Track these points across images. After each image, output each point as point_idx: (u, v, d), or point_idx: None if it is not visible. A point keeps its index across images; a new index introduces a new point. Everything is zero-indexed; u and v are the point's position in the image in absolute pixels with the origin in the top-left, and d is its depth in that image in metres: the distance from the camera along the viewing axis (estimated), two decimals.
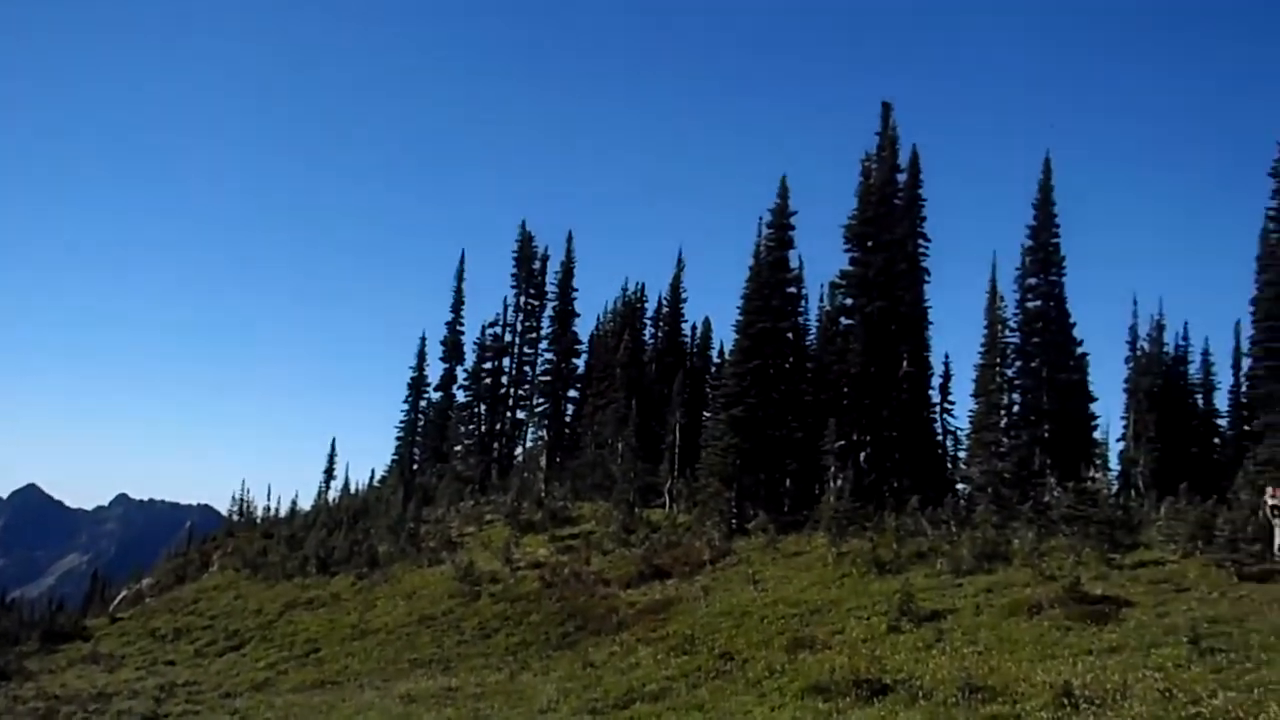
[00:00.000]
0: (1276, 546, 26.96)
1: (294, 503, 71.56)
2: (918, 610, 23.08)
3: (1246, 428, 47.51)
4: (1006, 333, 48.01)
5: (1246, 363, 51.63)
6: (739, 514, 42.50)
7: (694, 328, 71.90)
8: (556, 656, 28.09)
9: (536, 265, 68.49)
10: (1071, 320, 48.32)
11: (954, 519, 34.36)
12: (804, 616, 25.94)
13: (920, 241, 50.53)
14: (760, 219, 49.02)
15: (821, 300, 55.72)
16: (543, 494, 55.59)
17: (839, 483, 40.33)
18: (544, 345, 67.56)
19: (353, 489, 71.21)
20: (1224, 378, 60.41)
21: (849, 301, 49.42)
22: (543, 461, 63.80)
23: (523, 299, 68.20)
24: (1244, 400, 53.18)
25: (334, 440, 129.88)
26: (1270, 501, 27.78)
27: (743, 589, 30.99)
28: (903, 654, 20.13)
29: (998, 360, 46.86)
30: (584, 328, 70.82)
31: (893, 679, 17.88)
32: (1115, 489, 46.46)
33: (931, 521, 34.53)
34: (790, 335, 49.61)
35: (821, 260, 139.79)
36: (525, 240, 68.78)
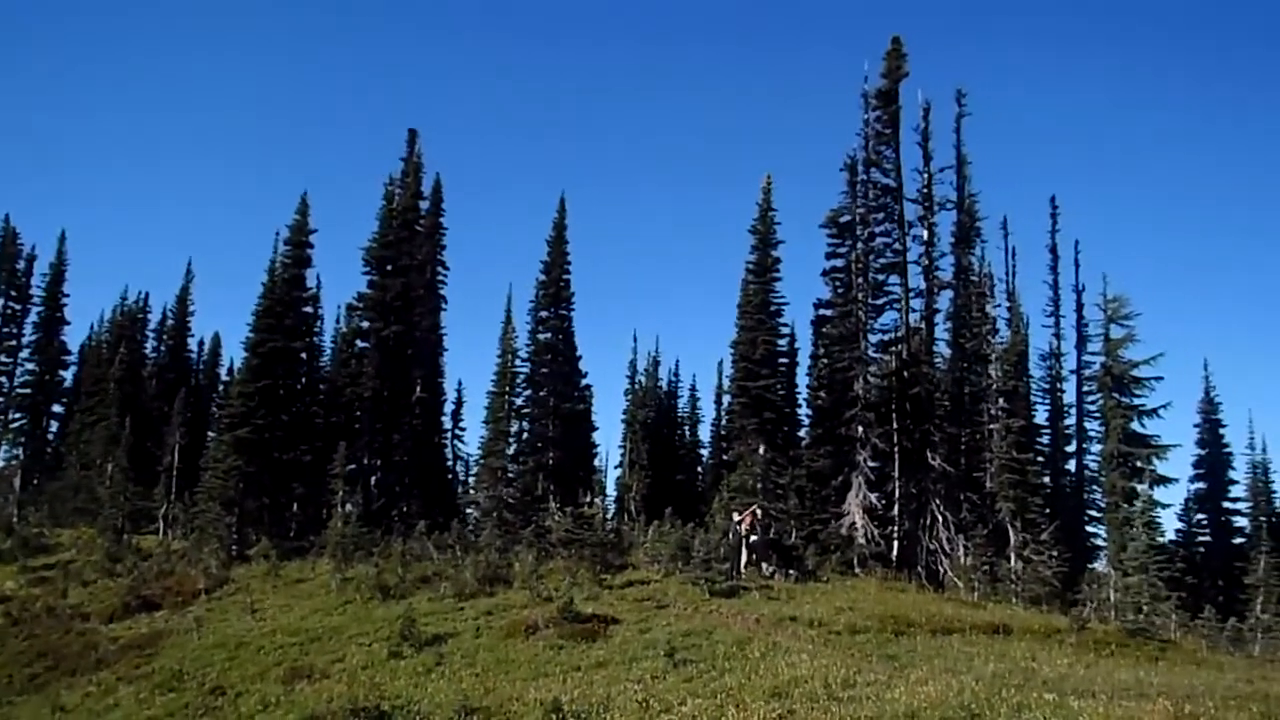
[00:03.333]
0: (743, 564, 30.08)
1: None
2: (420, 635, 23.18)
3: (724, 457, 52.62)
4: (517, 362, 49.87)
5: (726, 399, 57.20)
6: (240, 540, 40.63)
7: (202, 343, 68.26)
8: (21, 702, 25.32)
9: (21, 265, 61.74)
10: (578, 353, 51.17)
11: (460, 543, 34.97)
12: (304, 645, 25.18)
13: (439, 268, 51.33)
14: (278, 234, 47.54)
15: (338, 322, 54.98)
16: (14, 519, 49.93)
17: (347, 507, 39.74)
18: (25, 354, 60.96)
19: None
20: (708, 411, 66.64)
21: (365, 324, 49.06)
22: (16, 483, 57.34)
23: (2, 302, 61.12)
24: (722, 432, 58.87)
25: None
26: (738, 524, 30.98)
27: (240, 619, 29.55)
28: (403, 679, 20.11)
29: (508, 388, 48.48)
30: (75, 337, 64.79)
31: (391, 705, 17.83)
32: (611, 513, 49.66)
33: (438, 546, 34.90)
34: (304, 355, 48.42)
35: (342, 282, 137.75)
36: (9, 237, 61.84)
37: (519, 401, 50.12)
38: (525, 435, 50.44)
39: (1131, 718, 13.29)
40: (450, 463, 53.39)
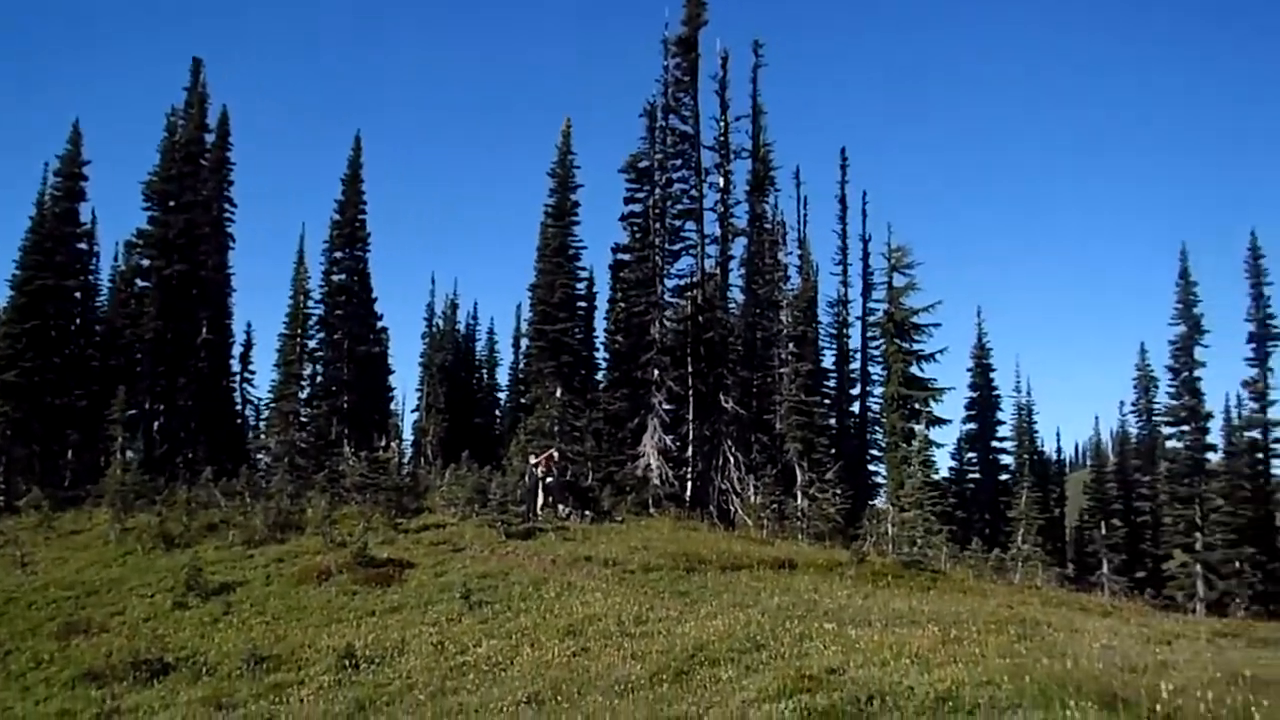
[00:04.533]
0: (539, 506, 30.32)
1: None
2: (207, 584, 22.49)
3: (522, 400, 52.69)
4: (311, 304, 48.46)
5: (525, 342, 57.15)
6: (8, 490, 38.31)
7: None
8: None
9: None
10: (374, 295, 50.04)
11: (250, 490, 33.93)
12: (80, 599, 24.01)
13: (227, 205, 49.13)
14: (47, 165, 44.53)
15: (117, 260, 52.02)
16: None
17: (127, 455, 37.94)
18: None
19: None
20: (506, 355, 66.57)
21: (146, 262, 46.54)
22: None
23: None
24: (520, 376, 58.91)
25: None
26: (534, 467, 31.18)
27: (9, 573, 27.91)
28: (188, 630, 19.52)
29: (300, 331, 47.11)
30: None
31: (176, 657, 17.31)
32: (407, 457, 49.09)
33: (226, 493, 33.76)
34: (78, 295, 45.72)
35: (122, 218, 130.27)
36: None
37: (312, 344, 48.78)
38: (319, 379, 49.16)
39: (903, 643, 14.12)
40: (239, 407, 51.50)
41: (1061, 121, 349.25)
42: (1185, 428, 53.41)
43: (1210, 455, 53.86)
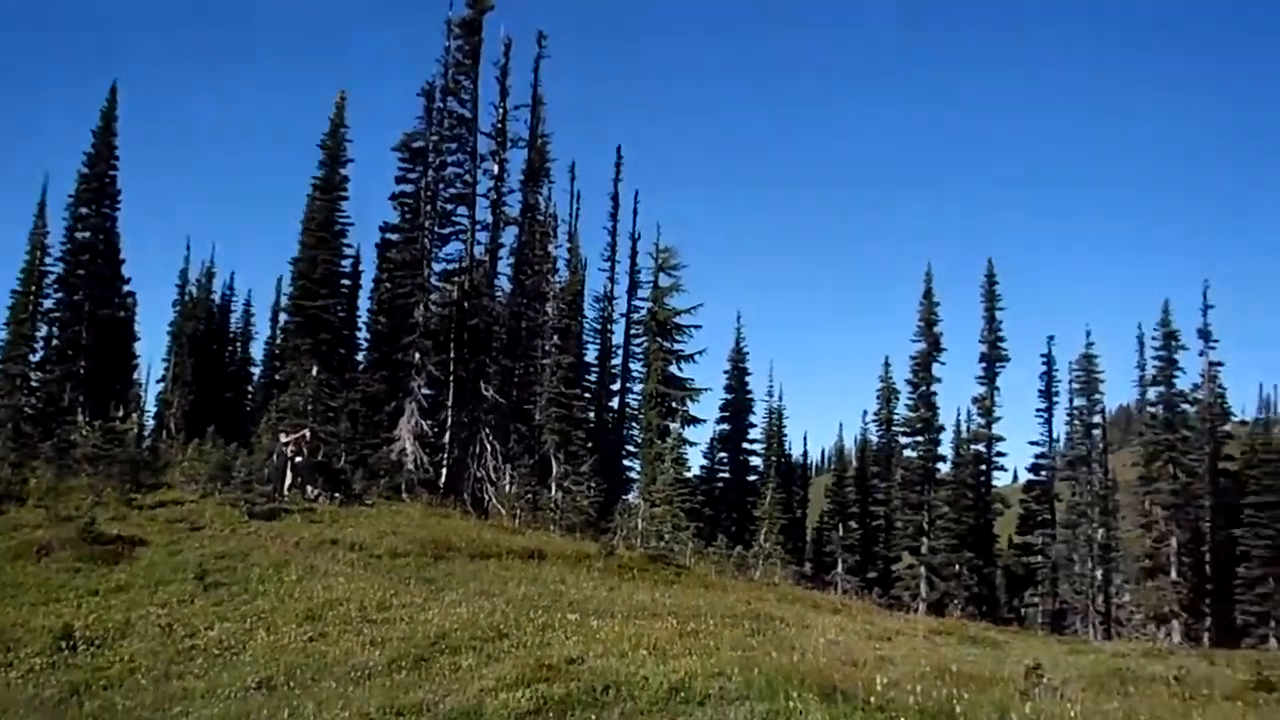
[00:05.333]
0: (286, 487, 29.43)
1: None
2: None
3: (277, 377, 50.86)
4: (49, 261, 45.26)
5: (283, 317, 55.16)
6: None
7: None
8: None
9: None
10: (122, 257, 47.17)
11: None
12: None
13: None
14: None
15: None
16: None
17: None
18: None
19: None
20: (263, 328, 64.06)
21: None
22: None
23: None
24: (277, 351, 56.81)
25: None
26: (284, 446, 30.23)
27: None
28: None
29: (35, 289, 43.96)
30: None
31: None
32: (149, 430, 46.58)
33: None
34: None
35: None
36: None
37: (48, 304, 45.53)
38: (54, 341, 45.94)
39: (641, 634, 14.49)
40: None
41: (834, 133, 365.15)
42: (919, 438, 56.96)
43: (940, 465, 57.65)
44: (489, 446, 38.95)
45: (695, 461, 59.47)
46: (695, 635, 15.20)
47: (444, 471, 38.81)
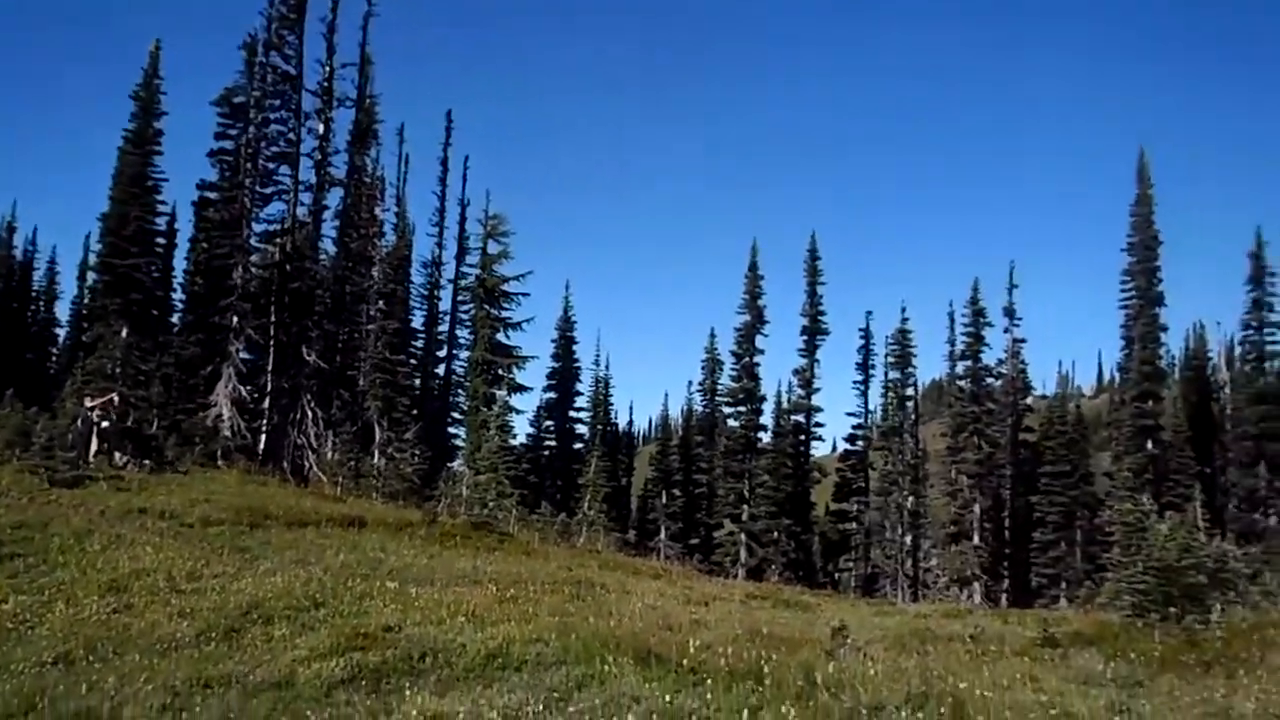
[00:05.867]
0: (92, 453, 28.16)
1: None
2: None
3: (84, 338, 48.46)
4: None
5: (91, 276, 52.57)
6: None
7: None
8: None
9: None
10: None
11: None
12: None
13: None
14: None
15: None
16: None
17: None
18: None
19: None
20: (69, 288, 60.97)
21: None
22: None
23: None
24: (84, 312, 54.15)
25: None
26: (90, 410, 28.90)
27: None
28: None
29: None
30: None
31: None
32: None
33: None
34: None
35: None
36: None
37: None
38: None
39: (461, 601, 14.50)
40: None
41: (666, 105, 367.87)
42: (742, 408, 58.35)
43: (762, 435, 59.16)
44: (310, 413, 38.03)
45: (521, 429, 59.57)
46: (515, 602, 15.29)
47: (263, 438, 37.74)
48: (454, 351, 54.64)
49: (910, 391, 63.42)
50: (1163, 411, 56.64)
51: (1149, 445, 53.60)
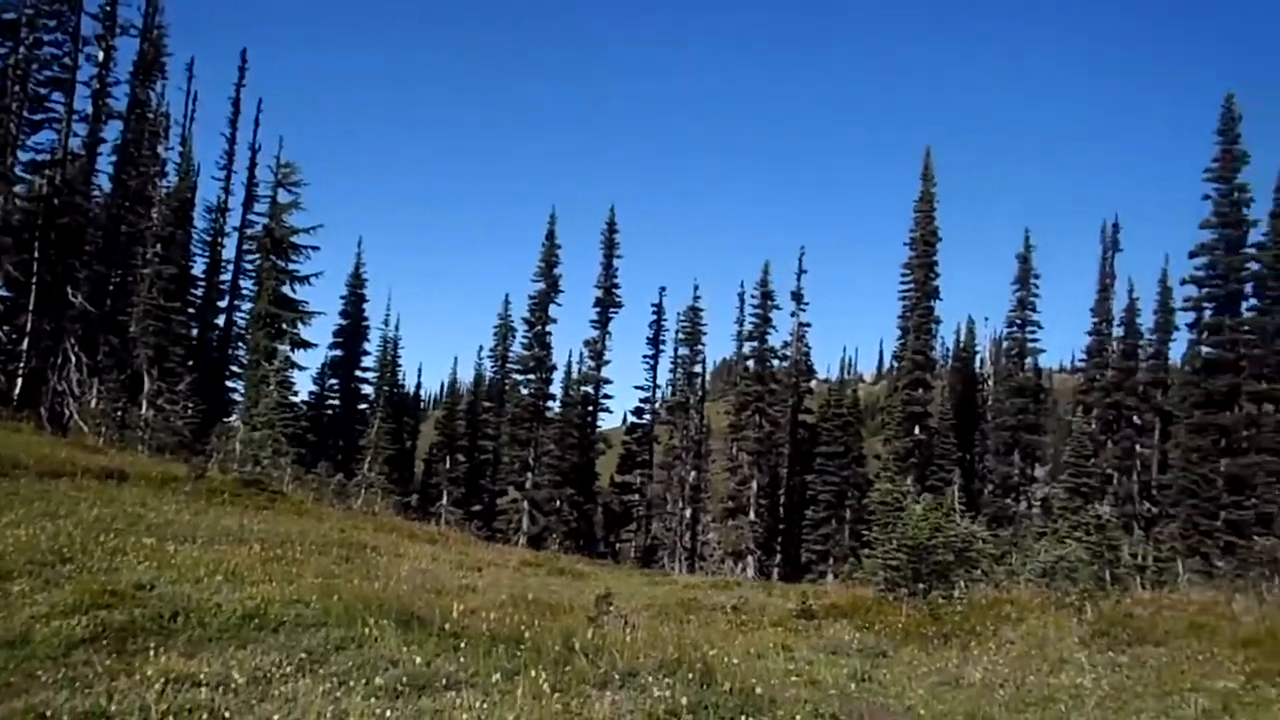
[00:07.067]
0: None
1: None
2: None
3: None
4: None
5: None
6: None
7: None
8: None
9: None
10: None
11: None
12: None
13: None
14: None
15: None
16: None
17: None
18: None
19: None
20: None
21: None
22: None
23: None
24: None
25: None
26: None
27: None
28: None
29: None
30: None
31: None
32: None
33: None
34: None
35: None
36: None
37: None
38: None
39: (221, 559, 14.02)
40: None
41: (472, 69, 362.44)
42: (532, 376, 58.43)
43: (551, 404, 59.44)
44: (74, 357, 35.89)
45: (305, 387, 57.93)
46: (280, 562, 14.90)
47: (19, 382, 35.41)
48: (236, 303, 52.49)
49: (699, 369, 64.98)
50: (932, 399, 59.83)
51: (916, 431, 56.50)
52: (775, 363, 62.49)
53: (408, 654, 9.52)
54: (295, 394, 45.41)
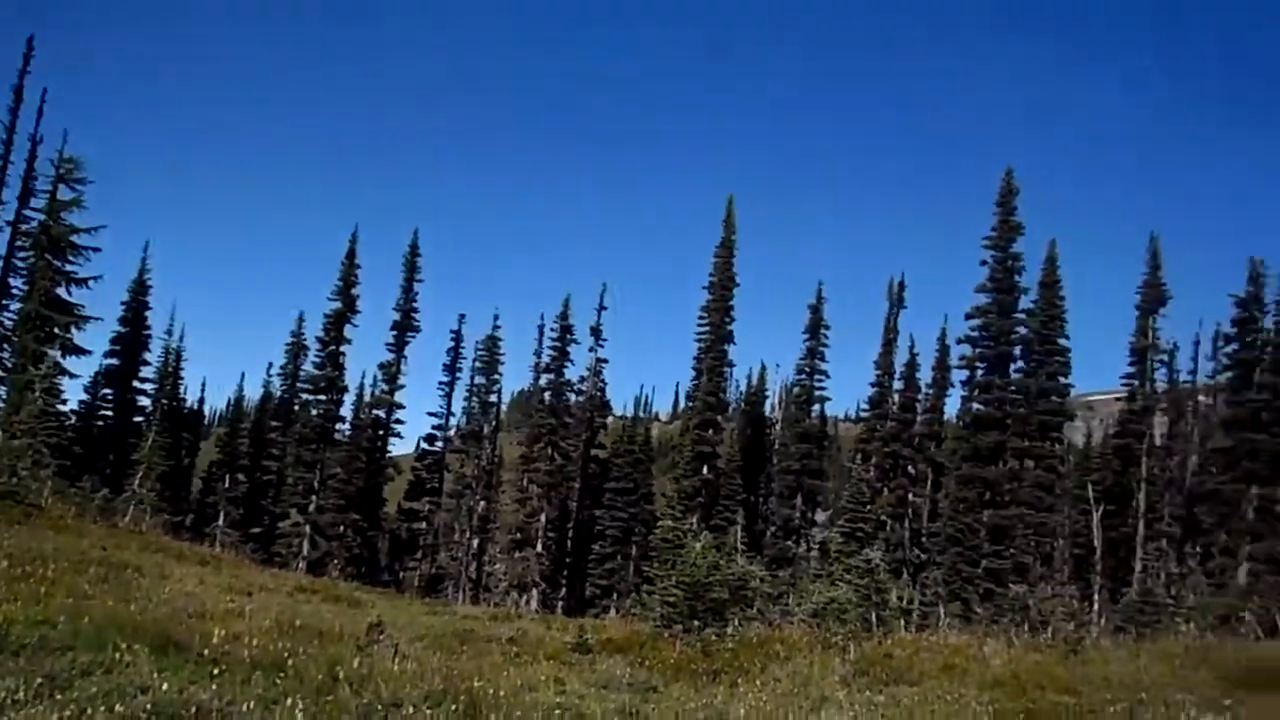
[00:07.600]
0: None
1: None
2: None
3: None
4: None
5: None
6: None
7: None
8: None
9: None
10: None
11: None
12: None
13: None
14: None
15: None
16: None
17: None
18: None
19: None
20: None
21: None
22: None
23: None
24: None
25: None
26: None
27: None
28: None
29: None
30: None
31: None
32: None
33: None
34: None
35: None
36: None
37: None
38: None
39: None
40: None
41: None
42: (323, 397, 56.93)
43: (340, 426, 58.03)
44: None
45: (76, 395, 54.68)
46: (29, 580, 14.00)
47: None
48: (5, 302, 49.09)
49: (494, 399, 64.60)
50: (721, 440, 61.07)
51: (705, 470, 57.58)
52: (572, 397, 62.71)
53: (159, 680, 9.09)
54: (64, 402, 42.88)
